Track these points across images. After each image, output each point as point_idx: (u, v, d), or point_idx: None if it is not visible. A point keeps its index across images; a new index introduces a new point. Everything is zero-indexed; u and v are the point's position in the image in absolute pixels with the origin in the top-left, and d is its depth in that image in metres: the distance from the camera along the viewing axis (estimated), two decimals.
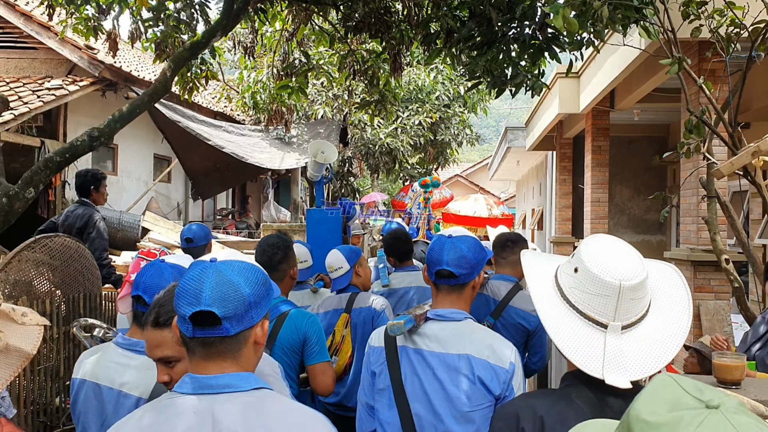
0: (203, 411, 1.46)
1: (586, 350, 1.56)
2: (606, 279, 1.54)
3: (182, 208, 15.32)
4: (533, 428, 1.59)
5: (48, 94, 9.38)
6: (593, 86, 9.78)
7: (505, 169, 22.75)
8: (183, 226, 10.82)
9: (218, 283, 1.50)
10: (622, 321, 1.56)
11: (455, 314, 2.41)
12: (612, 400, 1.57)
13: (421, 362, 2.37)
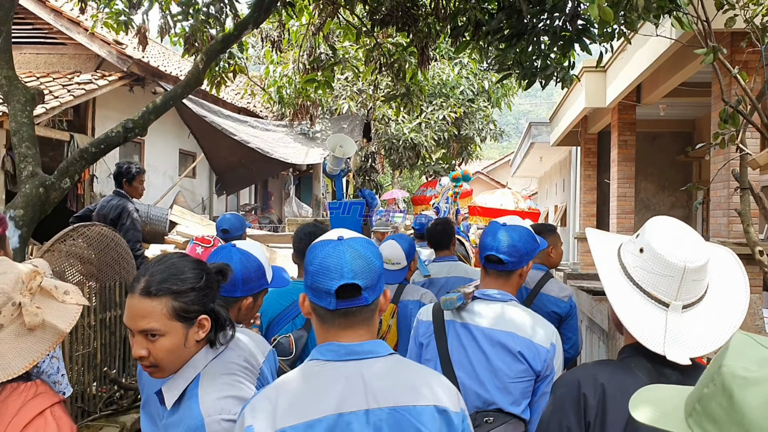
0: (353, 375, 1.61)
1: (649, 327, 1.62)
2: (671, 261, 1.62)
3: (206, 203, 15.45)
4: (594, 395, 1.65)
5: (78, 89, 9.50)
6: (620, 80, 9.73)
7: (527, 165, 22.66)
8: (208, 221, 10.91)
9: (354, 257, 1.64)
10: (683, 301, 1.63)
11: (501, 295, 2.53)
12: (668, 371, 1.64)
13: (467, 335, 2.50)
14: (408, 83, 7.86)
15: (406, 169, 16.05)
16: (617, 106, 10.93)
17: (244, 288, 2.33)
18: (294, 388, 1.61)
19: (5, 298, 1.78)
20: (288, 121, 12.80)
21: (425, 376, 1.69)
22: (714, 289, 1.69)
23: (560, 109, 14.43)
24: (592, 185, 14.13)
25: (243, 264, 2.35)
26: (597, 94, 10.87)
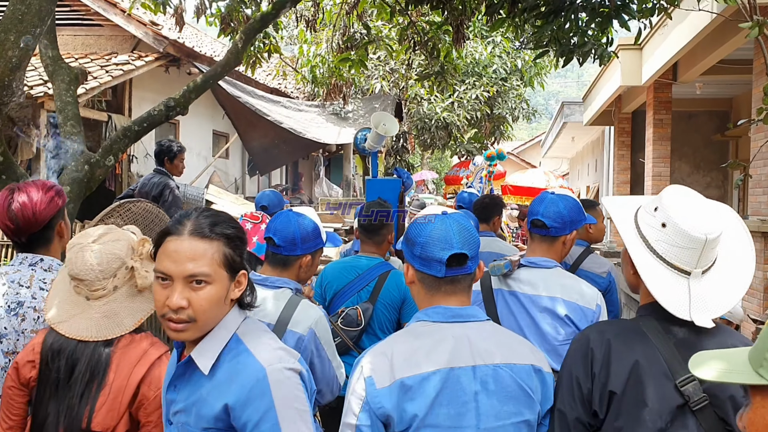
0: (460, 335, 1.78)
1: (674, 296, 1.75)
2: (695, 235, 1.73)
3: (239, 183, 15.60)
4: (600, 349, 1.82)
5: (116, 69, 9.64)
6: (657, 57, 9.60)
7: (559, 145, 22.47)
8: (243, 200, 11.02)
9: (461, 230, 1.82)
10: (702, 267, 1.77)
11: (546, 262, 2.64)
12: (676, 329, 1.79)
13: (515, 302, 2.60)
14: (442, 61, 7.84)
15: (438, 150, 16.00)
16: (653, 84, 10.79)
17: (303, 246, 2.54)
18: (407, 344, 1.77)
19: (120, 263, 2.06)
20: (320, 100, 12.84)
21: (520, 340, 1.88)
22: (724, 251, 1.82)
23: (594, 88, 14.27)
24: (625, 165, 13.99)
25: (301, 225, 2.56)
26: (632, 72, 10.73)
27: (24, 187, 2.31)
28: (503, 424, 1.73)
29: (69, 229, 2.47)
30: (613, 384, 1.78)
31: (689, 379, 1.71)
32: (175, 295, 1.59)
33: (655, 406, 1.73)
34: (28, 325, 2.28)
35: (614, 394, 1.78)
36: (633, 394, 1.75)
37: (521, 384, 1.76)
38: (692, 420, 1.72)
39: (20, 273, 2.32)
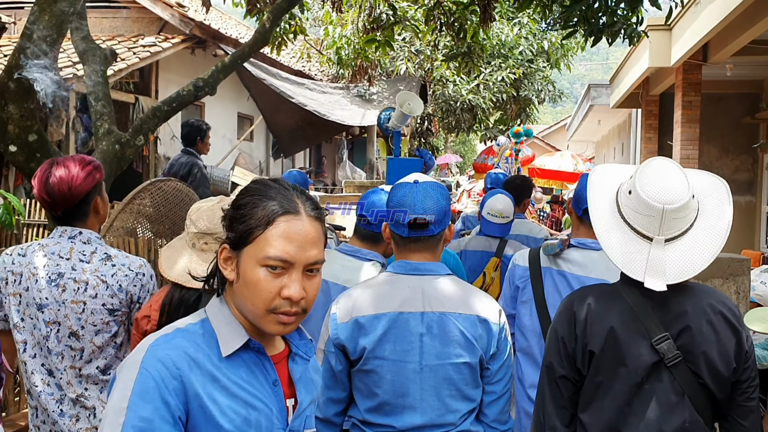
0: (415, 285, 2.10)
1: (632, 258, 1.88)
2: (652, 204, 1.84)
3: (264, 166, 15.67)
4: (582, 311, 1.98)
5: (143, 51, 9.70)
6: (687, 38, 9.45)
7: (585, 129, 22.25)
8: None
9: (425, 197, 2.10)
10: (665, 235, 1.87)
11: (596, 244, 2.66)
12: (653, 292, 1.88)
13: (562, 282, 2.68)
14: (469, 42, 7.80)
15: (462, 133, 15.92)
16: (682, 65, 10.63)
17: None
18: (370, 290, 2.12)
19: None
20: (345, 82, 12.82)
21: (473, 294, 2.14)
22: (702, 221, 1.92)
23: (621, 70, 14.09)
24: (652, 148, 13.82)
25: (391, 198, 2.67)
26: (661, 53, 10.57)
27: (63, 162, 2.35)
28: (443, 363, 2.03)
29: (107, 205, 2.51)
30: (592, 344, 1.94)
31: (664, 338, 1.87)
32: (297, 285, 1.37)
33: (632, 363, 1.89)
34: (68, 295, 2.34)
35: (593, 353, 1.93)
36: (611, 352, 1.91)
37: (463, 331, 2.04)
38: (667, 374, 1.88)
39: (60, 245, 2.38)
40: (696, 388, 1.87)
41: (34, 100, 4.05)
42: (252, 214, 1.39)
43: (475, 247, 4.21)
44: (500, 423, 2.12)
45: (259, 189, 1.43)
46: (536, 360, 2.73)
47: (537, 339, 2.73)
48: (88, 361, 2.39)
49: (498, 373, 2.10)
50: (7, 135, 4.01)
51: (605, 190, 2.03)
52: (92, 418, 2.38)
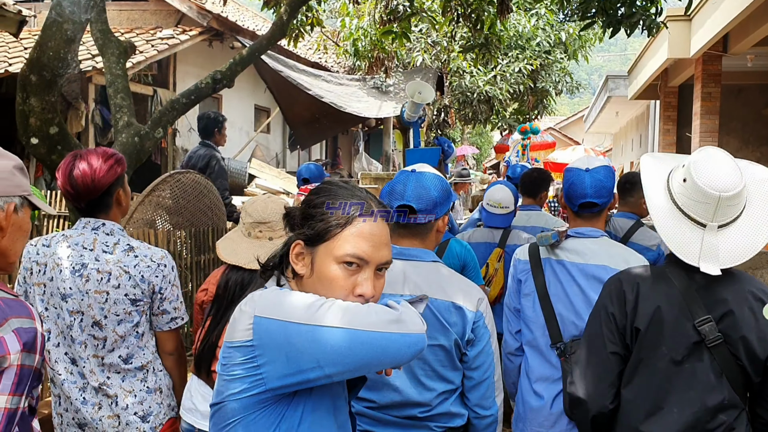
0: (398, 270, 2.13)
1: (687, 244, 1.96)
2: (708, 191, 1.91)
3: (280, 158, 15.72)
4: (631, 291, 2.07)
5: (161, 44, 9.76)
6: (707, 28, 9.36)
7: (602, 120, 22.10)
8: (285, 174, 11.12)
9: (416, 186, 2.17)
10: (718, 222, 1.94)
11: (593, 232, 2.67)
12: (698, 276, 1.99)
13: (562, 271, 2.65)
14: (486, 33, 7.76)
15: (479, 124, 15.84)
16: (702, 56, 10.53)
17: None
18: None
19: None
20: (362, 74, 12.81)
21: (454, 282, 2.18)
22: (750, 208, 1.99)
23: (640, 61, 13.97)
24: (671, 140, 13.72)
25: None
26: (681, 44, 10.47)
27: (86, 154, 2.38)
28: None
29: (129, 197, 2.54)
30: (638, 322, 2.03)
31: (706, 320, 1.95)
32: (370, 283, 1.46)
33: (674, 341, 1.99)
34: (91, 285, 2.38)
35: (639, 330, 2.03)
36: (655, 331, 2.01)
37: (438, 316, 2.09)
38: (707, 355, 1.96)
39: (83, 236, 2.42)
40: (734, 369, 1.96)
41: (55, 93, 4.09)
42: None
43: (478, 239, 4.21)
44: (482, 408, 2.17)
45: (335, 190, 1.53)
46: (542, 352, 2.71)
47: (541, 330, 2.70)
48: (111, 350, 2.43)
49: (476, 359, 2.15)
50: (29, 127, 4.06)
51: (657, 178, 2.10)
52: (114, 406, 2.42)
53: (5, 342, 1.45)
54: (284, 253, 1.53)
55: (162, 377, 2.56)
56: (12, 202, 1.61)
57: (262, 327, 1.35)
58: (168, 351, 2.60)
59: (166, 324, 2.54)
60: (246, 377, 1.36)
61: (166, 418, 2.54)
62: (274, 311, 1.35)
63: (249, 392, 1.36)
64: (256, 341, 1.35)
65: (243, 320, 1.38)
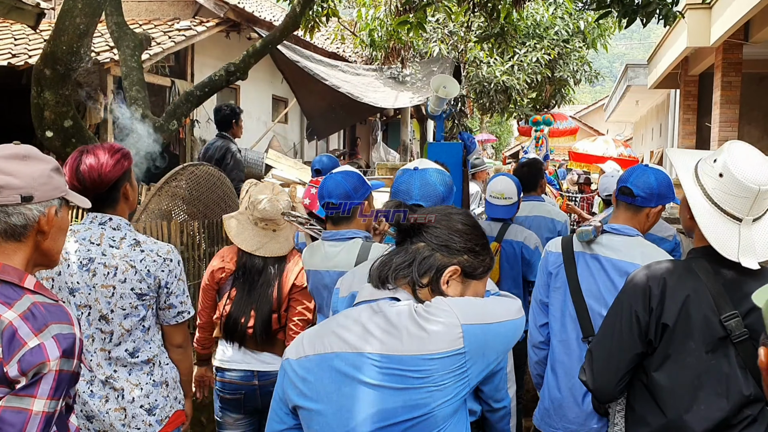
0: None
1: (725, 239, 1.96)
2: (749, 185, 1.92)
3: (298, 148, 15.77)
4: (657, 286, 2.07)
5: (178, 35, 9.81)
6: (727, 16, 9.22)
7: (622, 109, 21.90)
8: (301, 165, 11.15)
9: (422, 184, 2.22)
10: (753, 215, 1.97)
11: (629, 230, 2.68)
12: (725, 271, 2.01)
13: (596, 265, 2.67)
14: (502, 23, 7.72)
15: (497, 114, 15.77)
16: (722, 45, 10.38)
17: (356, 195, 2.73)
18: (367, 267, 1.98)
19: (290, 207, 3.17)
20: (378, 64, 12.80)
21: None
22: None
23: (659, 50, 13.81)
24: (691, 130, 13.56)
25: (349, 180, 2.77)
26: (700, 32, 10.33)
27: (92, 149, 2.40)
28: None
29: (136, 191, 2.56)
30: (666, 317, 2.03)
31: (733, 315, 1.96)
32: None
33: (700, 336, 1.99)
34: (98, 280, 2.41)
35: (667, 326, 2.03)
36: (682, 326, 2.01)
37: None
38: (732, 350, 1.97)
39: (90, 231, 2.44)
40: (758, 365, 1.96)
41: (69, 86, 4.14)
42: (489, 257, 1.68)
43: None
44: (495, 401, 2.15)
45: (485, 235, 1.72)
46: (571, 346, 2.71)
47: (573, 324, 2.71)
48: (118, 343, 2.47)
49: None
50: (44, 121, 4.12)
51: (690, 175, 2.10)
52: (120, 399, 2.46)
53: (45, 348, 1.48)
54: (435, 267, 1.60)
55: (168, 370, 2.59)
56: (53, 205, 1.66)
57: (470, 333, 1.48)
58: (175, 344, 2.63)
59: (172, 318, 2.57)
60: (457, 383, 1.47)
61: (172, 410, 2.58)
62: (475, 317, 1.51)
63: (460, 395, 1.49)
64: (467, 347, 1.47)
65: (446, 332, 1.47)
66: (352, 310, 1.61)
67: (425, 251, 1.60)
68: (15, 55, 8.74)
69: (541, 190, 4.99)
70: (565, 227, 4.83)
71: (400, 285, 1.58)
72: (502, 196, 4.08)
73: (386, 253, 1.66)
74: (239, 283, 3.15)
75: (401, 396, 1.45)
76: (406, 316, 1.50)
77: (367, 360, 1.48)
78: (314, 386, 1.52)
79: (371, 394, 1.47)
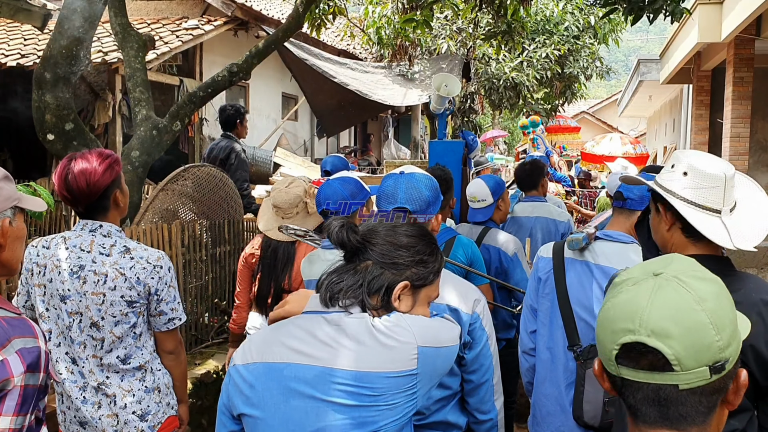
0: None
1: (715, 229, 1.94)
2: (715, 173, 1.94)
3: (308, 145, 15.77)
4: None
5: (186, 34, 9.83)
6: (738, 11, 9.10)
7: (635, 105, 21.73)
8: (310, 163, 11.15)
9: (408, 188, 2.20)
10: (728, 206, 1.96)
11: (623, 237, 2.63)
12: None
13: (586, 272, 2.61)
14: (509, 20, 7.67)
15: (507, 110, 15.69)
16: (734, 40, 10.25)
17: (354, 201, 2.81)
18: None
19: (300, 199, 3.41)
20: (387, 62, 12.77)
21: (448, 282, 2.11)
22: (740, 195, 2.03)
23: (671, 45, 13.67)
24: (703, 125, 13.43)
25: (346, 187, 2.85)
26: (711, 28, 10.21)
27: (81, 157, 2.38)
28: None
29: (127, 197, 2.54)
30: None
31: None
32: None
33: None
34: (89, 287, 2.41)
35: None
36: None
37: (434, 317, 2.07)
38: None
39: (81, 238, 2.45)
40: None
41: (70, 89, 4.16)
42: (438, 261, 1.70)
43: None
44: (480, 412, 2.13)
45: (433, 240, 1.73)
46: (558, 354, 2.64)
47: (560, 332, 2.63)
48: (109, 350, 2.47)
49: (474, 362, 2.10)
50: (45, 124, 4.13)
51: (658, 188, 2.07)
52: (113, 405, 2.47)
53: (8, 364, 1.45)
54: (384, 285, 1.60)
55: (161, 376, 2.59)
56: (5, 217, 1.62)
57: (425, 355, 1.51)
58: (167, 350, 2.62)
59: (163, 325, 2.56)
60: (406, 403, 1.50)
61: (165, 416, 2.58)
62: (430, 340, 1.54)
63: (407, 415, 1.51)
64: (420, 369, 1.50)
65: (402, 351, 1.49)
66: (303, 320, 1.58)
67: (374, 270, 1.58)
68: (24, 56, 8.80)
69: (543, 191, 4.93)
70: (568, 227, 4.75)
71: (350, 305, 1.56)
72: (475, 199, 4.03)
73: (332, 271, 1.63)
74: (263, 263, 3.50)
75: (351, 413, 1.44)
76: (365, 330, 1.49)
77: (319, 374, 1.46)
78: (261, 394, 1.50)
79: (320, 408, 1.46)
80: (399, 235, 1.63)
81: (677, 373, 1.07)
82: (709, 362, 1.06)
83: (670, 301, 1.09)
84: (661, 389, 1.08)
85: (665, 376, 1.07)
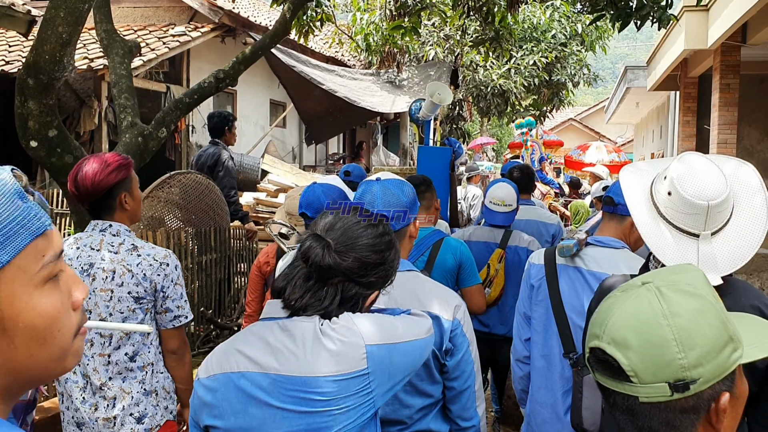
0: None
1: (684, 258, 1.83)
2: (697, 202, 1.81)
3: (296, 152, 15.73)
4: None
5: (173, 41, 9.79)
6: (724, 18, 9.16)
7: (623, 111, 21.84)
8: (298, 170, 11.10)
9: (385, 194, 2.18)
10: (710, 229, 1.85)
11: (613, 242, 2.61)
12: None
13: (578, 278, 2.60)
14: (497, 27, 7.68)
15: (495, 117, 15.74)
16: (720, 47, 10.32)
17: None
18: None
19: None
20: (375, 69, 12.78)
21: (428, 289, 2.12)
22: (738, 209, 1.90)
23: (658, 52, 13.75)
24: (690, 132, 13.49)
25: (327, 194, 2.87)
26: (698, 34, 10.27)
27: (92, 158, 2.49)
28: None
29: (138, 202, 2.61)
30: None
31: None
32: None
33: None
34: (97, 284, 2.48)
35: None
36: None
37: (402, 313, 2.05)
38: None
39: (92, 238, 2.52)
40: None
41: (53, 96, 4.10)
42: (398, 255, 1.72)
43: (478, 238, 4.11)
44: (462, 419, 2.11)
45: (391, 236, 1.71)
46: (553, 362, 2.62)
47: (555, 339, 2.62)
48: (117, 347, 2.50)
49: (456, 369, 2.09)
50: (28, 131, 4.07)
51: (640, 192, 2.01)
52: (111, 408, 2.49)
53: None
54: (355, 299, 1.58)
55: (162, 379, 2.61)
56: None
57: (374, 354, 1.47)
58: (171, 349, 2.63)
59: (169, 322, 2.59)
60: (361, 405, 1.46)
61: (162, 420, 2.59)
62: (381, 337, 1.50)
63: (363, 417, 1.47)
64: (371, 368, 1.47)
65: (349, 352, 1.46)
66: (259, 327, 1.58)
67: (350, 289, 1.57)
68: (9, 62, 8.72)
69: (530, 196, 4.99)
70: (558, 230, 4.81)
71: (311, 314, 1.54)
72: (503, 203, 4.04)
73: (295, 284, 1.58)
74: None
75: (305, 419, 1.44)
76: (311, 335, 1.48)
77: (272, 381, 1.47)
78: (221, 405, 1.50)
79: (276, 415, 1.46)
80: (363, 250, 1.60)
81: (635, 385, 1.06)
82: (669, 379, 1.05)
83: (637, 312, 1.08)
84: (627, 399, 1.08)
85: (625, 386, 1.07)
